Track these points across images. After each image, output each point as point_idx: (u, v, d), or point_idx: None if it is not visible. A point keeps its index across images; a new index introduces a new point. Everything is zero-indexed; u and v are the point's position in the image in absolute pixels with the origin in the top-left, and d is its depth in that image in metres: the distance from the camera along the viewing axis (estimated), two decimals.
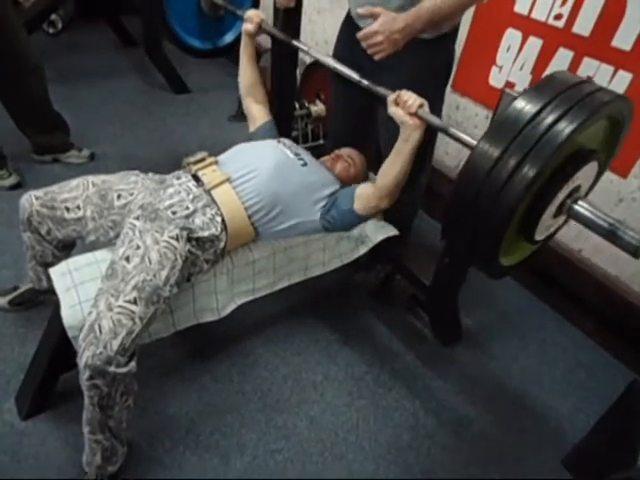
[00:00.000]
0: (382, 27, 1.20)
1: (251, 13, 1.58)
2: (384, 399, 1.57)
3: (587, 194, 1.02)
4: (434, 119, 1.13)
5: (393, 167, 1.26)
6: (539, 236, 0.99)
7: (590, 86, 0.88)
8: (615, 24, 1.56)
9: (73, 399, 1.35)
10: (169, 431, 1.41)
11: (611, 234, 0.89)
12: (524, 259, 1.14)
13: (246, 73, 1.64)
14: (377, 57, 1.27)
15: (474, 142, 1.00)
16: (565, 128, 0.80)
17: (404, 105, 1.16)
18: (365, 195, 1.34)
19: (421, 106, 1.15)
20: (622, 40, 1.56)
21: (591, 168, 0.95)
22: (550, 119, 0.81)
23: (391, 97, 1.19)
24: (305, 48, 1.51)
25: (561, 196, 0.92)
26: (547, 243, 1.12)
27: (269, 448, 1.40)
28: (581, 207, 0.93)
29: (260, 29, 1.58)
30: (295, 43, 1.54)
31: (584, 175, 0.93)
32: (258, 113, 1.63)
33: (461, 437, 1.51)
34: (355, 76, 1.34)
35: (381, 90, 1.25)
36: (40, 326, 1.34)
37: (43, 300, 1.61)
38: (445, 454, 1.46)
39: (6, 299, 1.61)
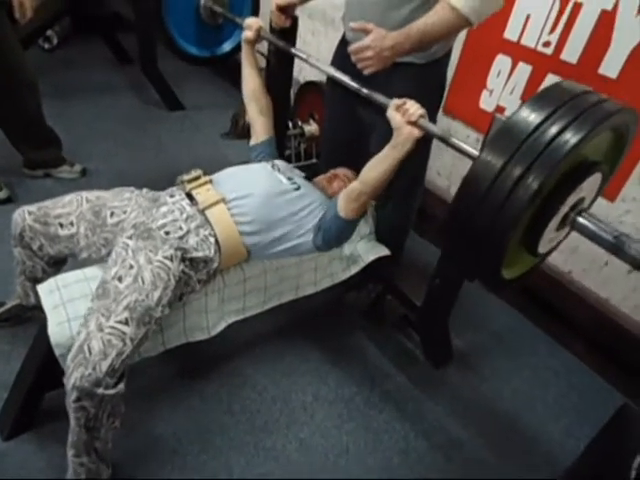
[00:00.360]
0: (373, 43, 1.22)
1: (250, 21, 1.59)
2: (375, 421, 1.56)
3: (590, 206, 1.01)
4: (434, 128, 1.14)
5: (377, 168, 1.25)
6: (542, 249, 0.98)
7: (595, 96, 0.87)
8: (602, 52, 1.60)
9: (58, 419, 1.32)
10: (156, 452, 1.38)
11: (616, 247, 0.86)
12: (526, 272, 1.12)
13: (248, 80, 1.64)
14: (366, 72, 1.29)
15: (476, 152, 0.99)
16: (570, 139, 0.78)
17: (405, 112, 1.16)
18: (346, 191, 1.32)
19: (422, 116, 1.16)
20: (609, 68, 1.60)
21: (595, 180, 0.94)
22: (555, 129, 0.79)
23: (395, 101, 1.19)
24: (304, 56, 1.51)
25: (565, 208, 0.90)
26: (549, 255, 1.10)
27: (257, 471, 1.38)
28: (585, 219, 0.91)
29: (259, 36, 1.59)
30: (293, 50, 1.54)
31: (588, 187, 0.92)
32: (261, 126, 1.63)
33: (452, 460, 1.49)
34: (354, 84, 1.35)
35: (381, 98, 1.26)
36: (25, 344, 1.32)
37: (30, 317, 1.59)
38: (436, 478, 1.44)
39: None
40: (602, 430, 1.48)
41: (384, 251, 1.64)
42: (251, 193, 1.33)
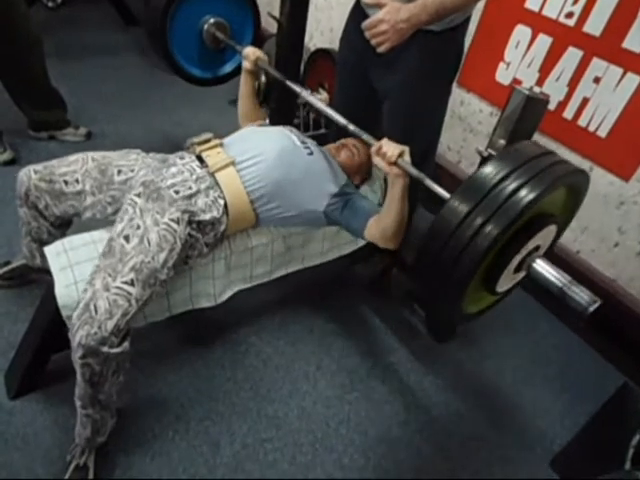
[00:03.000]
0: (387, 16, 1.18)
1: (248, 50, 1.57)
2: (376, 392, 1.57)
3: (546, 252, 1.08)
4: (412, 169, 1.12)
5: (389, 213, 1.23)
6: (500, 288, 1.05)
7: (553, 157, 0.97)
8: (627, 25, 1.54)
9: (64, 379, 1.35)
10: (159, 416, 1.40)
11: (562, 293, 0.94)
12: (488, 306, 1.21)
13: (244, 106, 1.64)
14: (381, 49, 1.24)
15: (447, 196, 1.04)
16: (527, 195, 0.87)
17: (384, 156, 1.14)
18: (373, 231, 1.30)
19: (401, 155, 1.13)
20: (633, 42, 1.54)
21: (550, 230, 1.02)
22: (513, 186, 0.89)
23: (373, 149, 1.17)
24: (298, 90, 1.45)
25: (521, 254, 0.98)
26: (510, 293, 1.19)
27: (259, 437, 1.40)
28: (538, 265, 0.98)
29: (257, 67, 1.58)
30: (289, 84, 1.47)
31: (543, 236, 1.00)
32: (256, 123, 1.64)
33: (451, 433, 1.51)
34: (342, 121, 1.31)
35: (365, 137, 1.24)
36: (32, 305, 1.33)
37: (35, 279, 1.59)
38: (434, 451, 1.46)
39: None
40: (601, 408, 1.50)
41: None
42: (262, 153, 1.31)
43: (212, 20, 1.84)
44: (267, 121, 1.69)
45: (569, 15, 1.69)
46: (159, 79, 3.07)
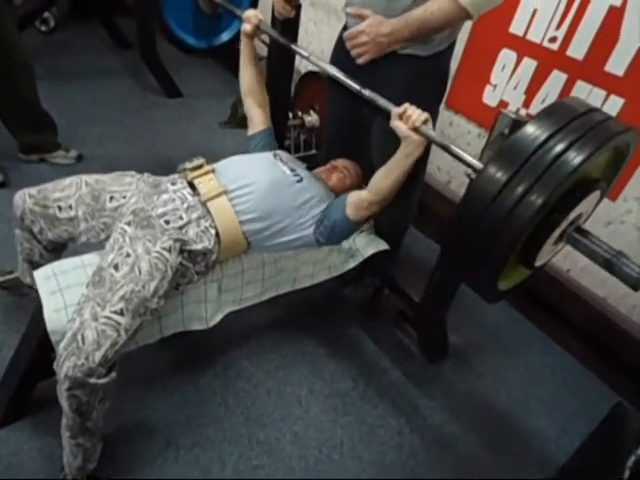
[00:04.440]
0: (369, 28, 1.21)
1: (249, 13, 1.57)
2: (369, 416, 1.55)
3: (585, 221, 1.02)
4: (436, 136, 1.12)
5: (389, 177, 1.24)
6: (538, 262, 0.98)
7: (600, 115, 0.87)
8: (609, 49, 1.58)
9: (50, 407, 1.30)
10: (148, 443, 1.36)
11: (609, 264, 0.88)
12: (519, 283, 1.13)
13: (246, 72, 1.61)
14: (360, 60, 1.26)
15: (479, 164, 0.98)
16: (574, 158, 0.79)
17: (408, 120, 1.14)
18: (357, 200, 1.32)
19: (425, 122, 1.14)
20: (615, 65, 1.58)
21: (594, 197, 0.95)
22: (559, 147, 0.80)
23: (397, 110, 1.17)
24: (305, 53, 1.49)
25: (564, 224, 0.91)
26: (542, 268, 1.12)
27: (251, 464, 1.37)
28: (582, 235, 0.92)
29: (258, 29, 1.57)
30: (293, 47, 1.52)
31: (587, 203, 0.93)
32: (258, 118, 1.61)
33: (446, 457, 1.49)
34: (356, 86, 1.32)
35: (383, 102, 1.23)
36: (18, 332, 1.30)
37: (28, 293, 1.56)
38: (430, 474, 1.43)
39: None
40: (596, 428, 1.49)
41: (383, 245, 1.62)
42: (253, 184, 1.31)
43: None
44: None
45: (552, 39, 1.73)
46: (150, 101, 3.09)
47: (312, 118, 2.55)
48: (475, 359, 1.82)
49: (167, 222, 1.19)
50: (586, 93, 1.67)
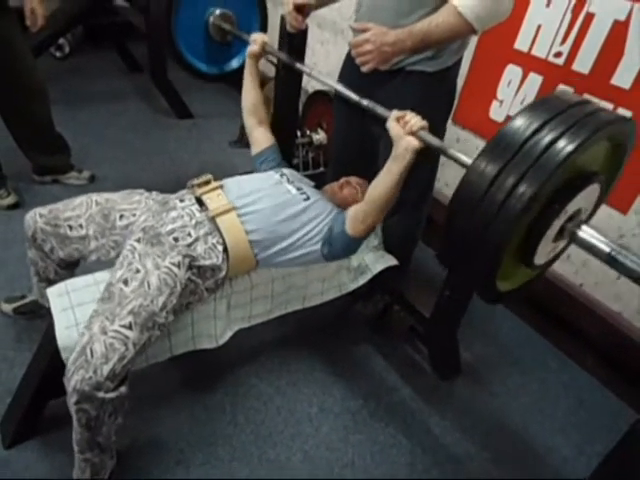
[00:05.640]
0: (373, 37, 1.23)
1: (256, 35, 1.61)
2: (381, 434, 1.53)
3: (590, 218, 0.99)
4: (433, 139, 1.11)
5: (380, 185, 1.23)
6: (539, 260, 0.95)
7: (591, 106, 0.85)
8: (614, 62, 1.58)
9: (61, 426, 1.31)
10: (158, 461, 1.36)
11: (613, 260, 0.84)
12: (524, 284, 1.09)
13: (249, 94, 1.64)
14: (364, 68, 1.28)
15: (469, 161, 0.96)
16: (565, 147, 0.76)
17: (406, 124, 1.15)
18: (353, 212, 1.31)
19: (423, 128, 1.14)
20: (621, 78, 1.58)
21: (592, 191, 0.91)
22: (549, 137, 0.77)
23: (396, 113, 1.18)
24: (307, 70, 1.52)
25: (561, 219, 0.88)
26: (548, 268, 1.08)
27: None
28: (582, 231, 0.89)
29: (264, 51, 1.60)
30: (298, 66, 1.55)
31: (585, 198, 0.90)
32: (261, 136, 1.62)
33: (459, 476, 1.46)
34: (354, 97, 1.34)
35: (381, 110, 1.24)
36: (30, 350, 1.31)
37: (45, 314, 1.58)
38: None
39: (12, 306, 1.62)
40: (614, 447, 1.44)
41: (392, 261, 1.62)
42: (260, 202, 1.32)
43: (218, 12, 1.85)
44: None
45: (558, 54, 1.74)
46: (161, 123, 3.15)
47: (320, 136, 2.58)
48: (488, 376, 1.79)
49: (176, 239, 1.21)
50: None
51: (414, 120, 1.14)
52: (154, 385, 1.54)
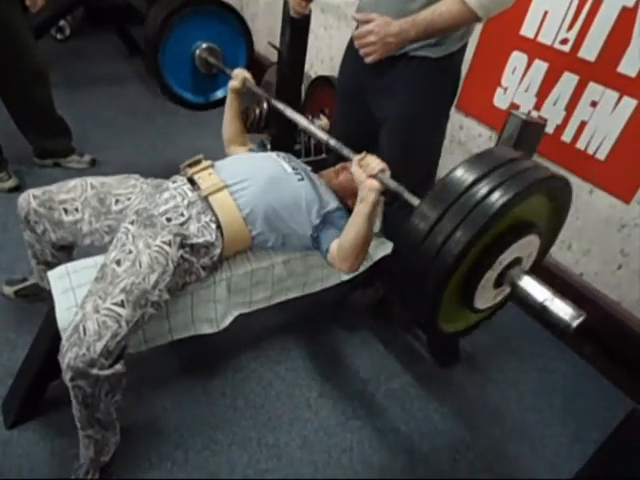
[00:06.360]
0: (377, 28, 1.22)
1: (237, 71, 1.61)
2: (379, 420, 1.54)
3: (533, 268, 1.02)
4: (391, 183, 1.12)
5: (351, 226, 1.21)
6: (482, 305, 0.98)
7: (528, 163, 0.91)
8: (621, 50, 1.56)
9: (62, 408, 1.32)
10: (157, 446, 1.37)
11: (543, 309, 0.88)
12: (471, 326, 1.12)
13: (230, 127, 1.64)
14: (368, 59, 1.27)
15: (417, 201, 1.00)
16: (498, 200, 0.82)
17: (366, 167, 1.15)
18: (332, 252, 1.28)
19: (382, 170, 1.14)
20: (628, 66, 1.56)
21: (530, 241, 0.95)
22: (485, 190, 0.83)
23: (357, 157, 1.18)
24: (281, 107, 1.49)
25: (499, 267, 0.92)
26: (500, 309, 1.11)
27: (260, 467, 1.37)
28: (520, 280, 0.92)
29: (244, 86, 1.60)
30: (275, 103, 1.51)
31: (523, 247, 0.93)
32: (246, 145, 1.65)
33: (457, 462, 1.47)
34: (323, 136, 1.33)
35: (347, 152, 1.25)
36: (31, 333, 1.32)
37: (46, 297, 1.59)
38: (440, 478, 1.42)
39: (13, 289, 1.62)
40: (611, 435, 1.46)
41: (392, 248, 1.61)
42: (252, 178, 1.32)
43: (204, 45, 1.91)
44: (253, 147, 1.68)
45: (564, 41, 1.71)
46: (163, 107, 3.11)
47: (322, 122, 2.56)
48: (486, 364, 1.80)
49: (169, 220, 1.21)
50: (598, 95, 1.65)
51: (374, 164, 1.15)
52: (154, 369, 1.55)
